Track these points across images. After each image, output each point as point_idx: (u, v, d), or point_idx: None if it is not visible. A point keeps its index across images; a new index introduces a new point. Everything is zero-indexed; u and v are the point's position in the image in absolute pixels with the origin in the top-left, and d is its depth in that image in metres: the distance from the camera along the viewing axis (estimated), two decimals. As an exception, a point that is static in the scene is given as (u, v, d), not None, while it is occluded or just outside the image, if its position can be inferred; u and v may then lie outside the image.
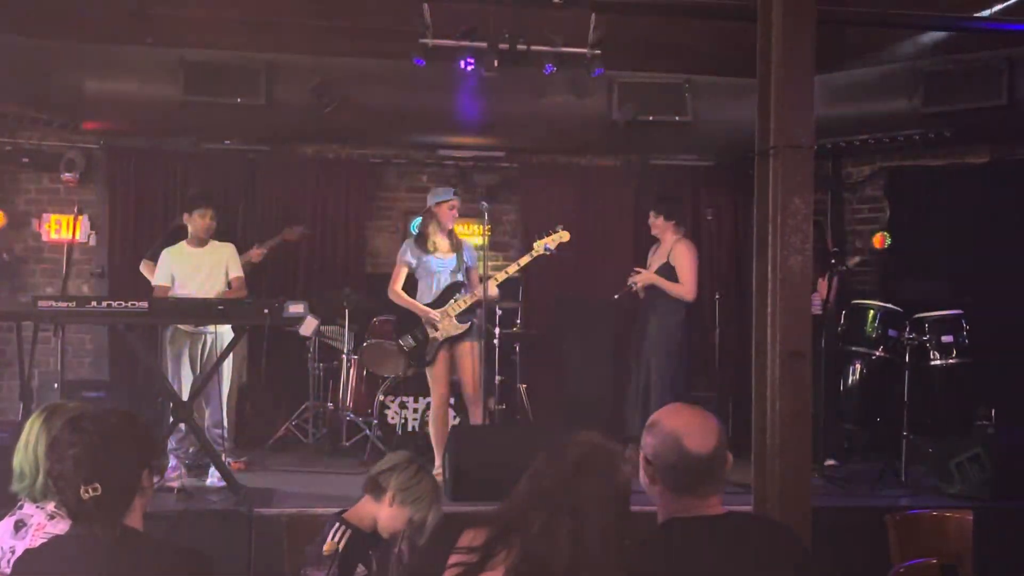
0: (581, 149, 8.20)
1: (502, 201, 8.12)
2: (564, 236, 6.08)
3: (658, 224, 6.25)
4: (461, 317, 5.87)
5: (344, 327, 7.03)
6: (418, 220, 7.69)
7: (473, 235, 7.44)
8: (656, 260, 6.25)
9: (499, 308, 6.78)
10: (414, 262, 5.96)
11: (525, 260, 6.06)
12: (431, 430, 5.92)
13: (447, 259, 5.96)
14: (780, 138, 3.51)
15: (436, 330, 5.84)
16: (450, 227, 5.97)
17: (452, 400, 6.14)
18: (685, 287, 6.05)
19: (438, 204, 5.96)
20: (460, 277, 5.97)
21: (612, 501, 1.89)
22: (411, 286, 6.08)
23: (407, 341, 5.94)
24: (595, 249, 7.85)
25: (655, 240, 6.47)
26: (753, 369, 3.59)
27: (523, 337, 7.37)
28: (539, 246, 6.04)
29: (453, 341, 5.88)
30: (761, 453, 3.52)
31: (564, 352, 7.64)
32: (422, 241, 5.99)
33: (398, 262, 6.05)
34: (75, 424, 2.20)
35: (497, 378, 6.87)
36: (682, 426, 2.21)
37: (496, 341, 6.79)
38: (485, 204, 6.17)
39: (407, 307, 5.95)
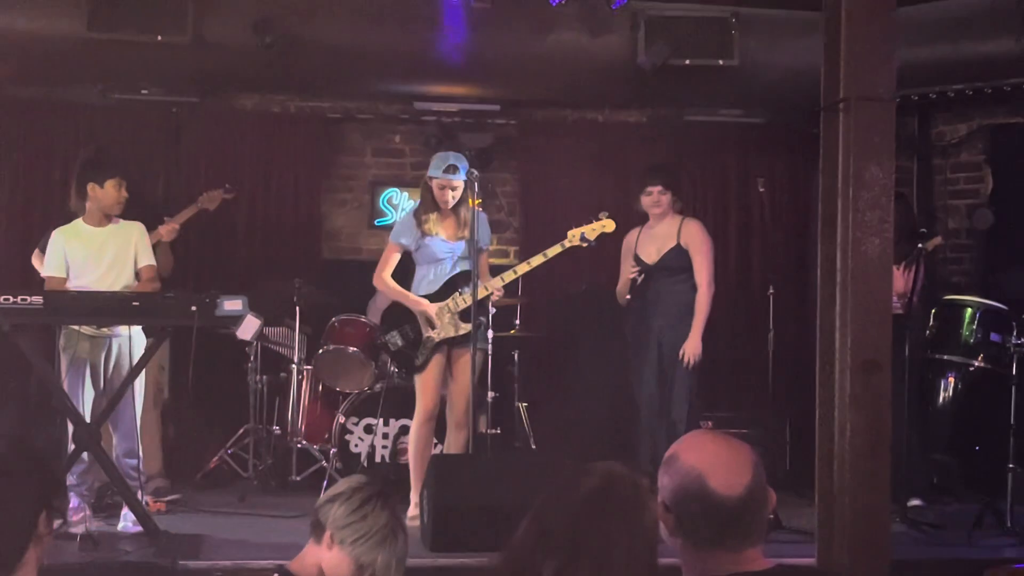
0: (597, 101, 8.21)
1: (497, 168, 8.14)
2: (608, 225, 6.05)
3: (664, 200, 6.29)
4: (465, 315, 5.87)
5: (294, 329, 7.05)
6: (389, 192, 7.73)
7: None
8: (654, 244, 6.26)
9: (493, 307, 6.78)
10: (412, 244, 5.95)
11: (554, 251, 5.98)
12: (410, 452, 5.92)
13: (454, 243, 5.94)
14: (852, 88, 3.52)
15: (433, 328, 5.84)
16: (446, 208, 5.91)
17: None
18: (704, 282, 6.09)
19: (430, 177, 5.94)
20: (469, 265, 5.91)
21: (639, 545, 1.89)
22: (405, 276, 6.05)
23: (393, 339, 5.92)
24: (616, 230, 7.85)
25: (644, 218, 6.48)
26: (817, 384, 3.60)
27: (523, 342, 7.37)
28: (574, 235, 5.96)
29: (453, 345, 5.88)
30: (827, 491, 3.54)
31: (575, 362, 7.65)
32: (419, 219, 5.96)
33: (390, 242, 6.03)
34: None
35: (490, 395, 6.88)
36: (706, 462, 2.18)
37: (489, 348, 6.79)
38: (475, 172, 6.14)
39: (396, 298, 5.95)
